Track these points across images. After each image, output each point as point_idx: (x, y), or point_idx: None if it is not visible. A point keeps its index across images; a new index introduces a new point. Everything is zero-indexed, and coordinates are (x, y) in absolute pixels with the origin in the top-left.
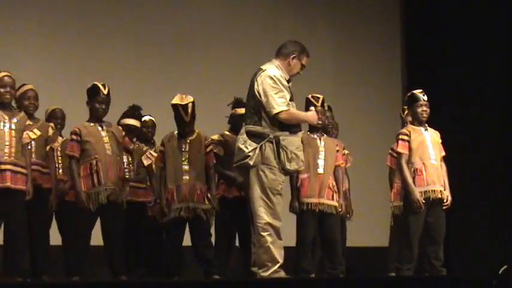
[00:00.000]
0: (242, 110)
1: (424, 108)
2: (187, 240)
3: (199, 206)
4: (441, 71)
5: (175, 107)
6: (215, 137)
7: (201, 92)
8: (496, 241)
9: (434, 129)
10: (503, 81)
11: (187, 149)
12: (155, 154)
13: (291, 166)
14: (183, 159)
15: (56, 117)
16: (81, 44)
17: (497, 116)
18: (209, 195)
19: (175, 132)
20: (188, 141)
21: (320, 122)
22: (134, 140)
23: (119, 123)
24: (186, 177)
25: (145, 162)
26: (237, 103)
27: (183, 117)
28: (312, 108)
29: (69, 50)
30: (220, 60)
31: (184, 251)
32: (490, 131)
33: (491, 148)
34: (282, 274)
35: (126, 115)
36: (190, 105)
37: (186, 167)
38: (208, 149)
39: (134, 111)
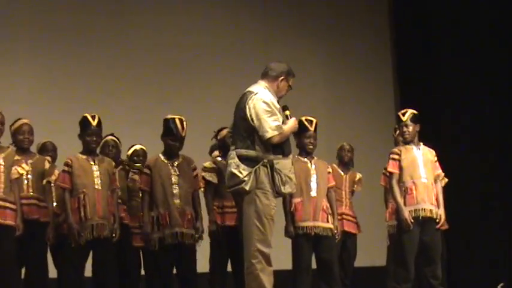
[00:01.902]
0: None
1: (404, 129)
2: None
3: (191, 232)
4: (433, 87)
5: (172, 121)
6: (207, 164)
7: (191, 116)
8: (497, 258)
9: (430, 146)
10: (498, 91)
11: (176, 173)
12: (137, 177)
13: (285, 189)
14: (173, 182)
15: (47, 150)
16: (71, 73)
17: (493, 127)
18: (197, 221)
19: (161, 156)
20: (176, 164)
21: (311, 144)
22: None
23: None
24: (177, 201)
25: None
26: (219, 130)
27: (180, 132)
28: (287, 112)
29: (59, 79)
30: (211, 84)
31: None
32: (486, 142)
33: (488, 158)
34: None
35: None
36: (185, 122)
37: (176, 191)
38: (195, 173)
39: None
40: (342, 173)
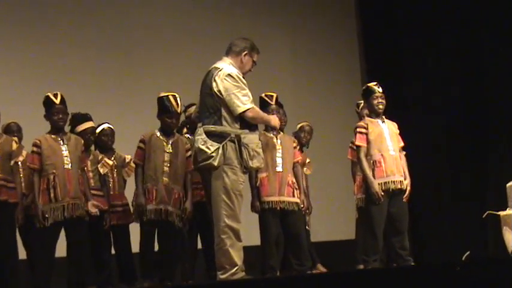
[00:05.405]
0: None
1: (380, 100)
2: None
3: (176, 211)
4: (399, 62)
5: (167, 98)
6: None
7: (155, 94)
8: (464, 227)
9: (392, 120)
10: (464, 66)
11: (169, 151)
12: (110, 162)
13: (253, 164)
14: (165, 160)
15: (12, 131)
16: (34, 53)
17: (460, 104)
18: (186, 201)
19: (157, 132)
20: (171, 142)
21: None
22: (92, 147)
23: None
24: (166, 178)
25: (102, 171)
26: (188, 106)
27: (175, 108)
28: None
29: (22, 59)
30: (176, 63)
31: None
32: (453, 117)
33: (455, 134)
34: (241, 275)
35: (76, 122)
36: (179, 98)
37: (166, 168)
38: (188, 154)
39: (82, 116)
40: None
